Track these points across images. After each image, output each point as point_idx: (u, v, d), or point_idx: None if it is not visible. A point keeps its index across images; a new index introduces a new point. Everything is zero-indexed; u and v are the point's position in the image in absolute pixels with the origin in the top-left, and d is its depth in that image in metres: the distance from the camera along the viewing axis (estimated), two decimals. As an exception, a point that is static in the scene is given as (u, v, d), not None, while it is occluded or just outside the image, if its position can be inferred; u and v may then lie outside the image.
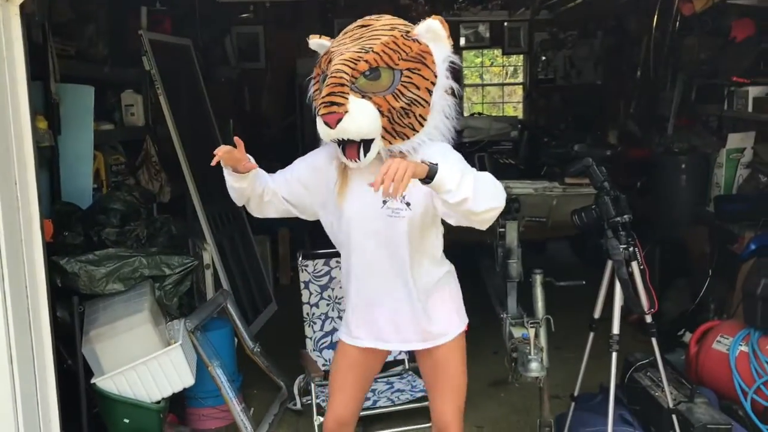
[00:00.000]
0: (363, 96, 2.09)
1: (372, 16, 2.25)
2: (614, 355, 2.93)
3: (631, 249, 2.88)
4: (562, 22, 8.21)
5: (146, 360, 3.12)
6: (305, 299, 3.82)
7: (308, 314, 3.83)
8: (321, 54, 2.28)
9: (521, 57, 9.10)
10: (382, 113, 2.11)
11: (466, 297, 2.54)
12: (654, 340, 3.03)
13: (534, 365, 3.04)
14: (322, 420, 2.65)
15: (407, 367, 3.89)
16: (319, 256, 3.82)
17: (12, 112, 2.51)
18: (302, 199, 2.40)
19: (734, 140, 4.69)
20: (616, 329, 2.93)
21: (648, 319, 2.99)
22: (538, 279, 3.37)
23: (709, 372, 3.65)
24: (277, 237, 6.18)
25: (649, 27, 6.14)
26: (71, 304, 3.24)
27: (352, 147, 2.14)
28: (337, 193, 2.31)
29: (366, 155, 2.14)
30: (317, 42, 2.32)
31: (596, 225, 2.95)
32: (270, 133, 7.96)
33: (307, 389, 3.75)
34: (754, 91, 4.51)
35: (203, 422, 3.71)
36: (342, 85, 2.06)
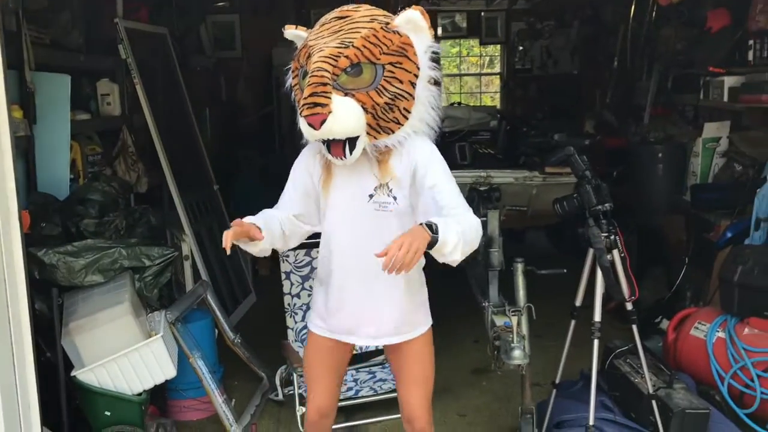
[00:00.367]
0: (346, 93, 2.06)
1: (350, 6, 2.19)
2: (596, 343, 2.95)
3: (613, 237, 2.90)
4: (539, 12, 8.25)
5: (127, 352, 3.09)
6: (286, 290, 3.81)
7: (289, 305, 3.81)
8: (298, 46, 2.24)
9: (498, 47, 9.13)
10: (366, 110, 2.08)
11: (447, 287, 2.55)
12: (635, 327, 3.06)
13: (517, 353, 3.06)
14: (305, 410, 2.65)
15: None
16: (301, 247, 3.78)
17: (-12, 101, 2.46)
18: (310, 208, 2.37)
19: (710, 129, 4.74)
20: (598, 317, 2.96)
21: (629, 307, 3.02)
22: (520, 268, 3.38)
23: (687, 358, 3.71)
24: (256, 227, 6.13)
25: (626, 17, 6.19)
26: (49, 296, 3.19)
27: (338, 145, 2.12)
28: (322, 187, 2.30)
29: (352, 153, 2.12)
30: (293, 33, 2.28)
31: (578, 213, 2.97)
32: (247, 123, 7.91)
33: (289, 380, 3.74)
34: (730, 81, 4.55)
35: (184, 414, 3.69)
36: (324, 84, 2.02)
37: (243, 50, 8.05)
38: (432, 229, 1.97)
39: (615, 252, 2.91)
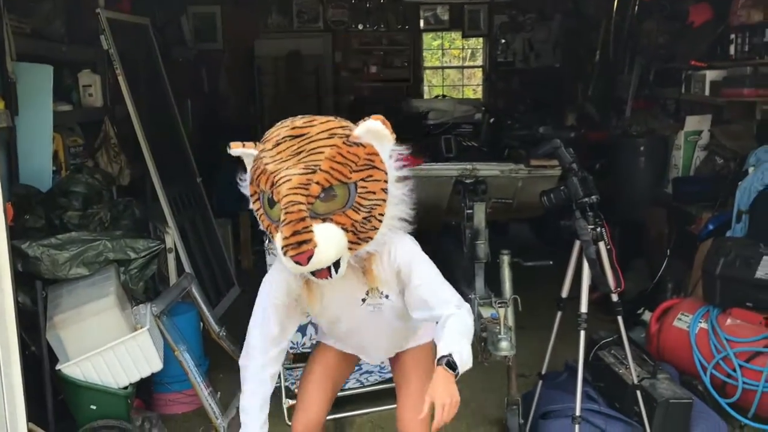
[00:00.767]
0: (323, 219, 1.96)
1: (300, 120, 2.04)
2: (582, 334, 2.98)
3: (599, 229, 2.92)
4: (521, 5, 8.27)
5: (113, 345, 3.07)
6: (272, 282, 3.78)
7: (275, 297, 3.79)
8: (247, 163, 2.13)
9: (481, 40, 9.14)
10: (346, 230, 2.00)
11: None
12: (620, 319, 3.09)
13: (504, 344, 3.08)
14: (292, 402, 2.64)
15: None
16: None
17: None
18: (290, 327, 2.37)
19: (692, 123, 4.79)
20: (584, 308, 2.98)
21: (614, 298, 3.04)
22: (506, 260, 3.40)
23: (670, 348, 3.75)
24: (239, 220, 6.11)
25: (608, 11, 6.22)
26: (33, 290, 3.16)
27: (322, 270, 2.05)
28: (308, 305, 2.27)
29: (338, 271, 2.06)
30: (241, 151, 2.14)
31: (565, 205, 2.98)
32: (228, 115, 7.87)
33: (275, 372, 3.72)
34: (711, 75, 4.61)
35: (170, 407, 3.68)
36: (302, 220, 1.91)
37: (225, 42, 8.00)
38: (451, 365, 2.02)
39: (601, 244, 2.93)
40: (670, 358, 3.70)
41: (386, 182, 2.06)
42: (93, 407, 3.09)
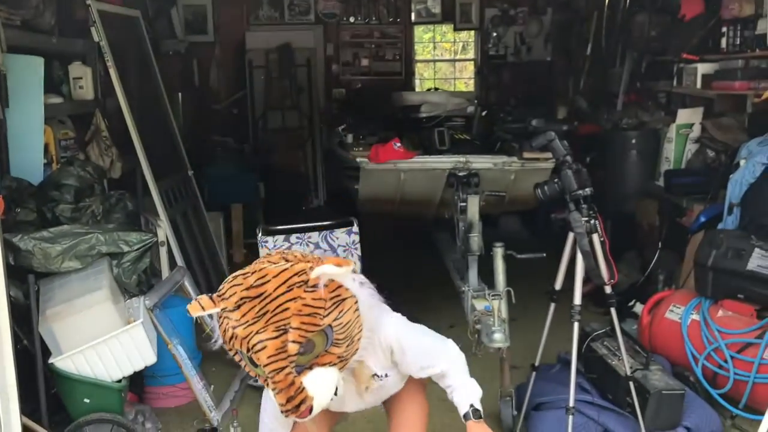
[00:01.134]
0: (310, 367, 1.96)
1: (252, 278, 1.94)
2: (576, 325, 2.99)
3: (593, 222, 2.93)
4: (513, -1, 8.27)
5: (107, 338, 3.06)
6: (264, 275, 3.78)
7: (267, 290, 3.79)
8: (216, 326, 2.03)
9: (472, 33, 9.13)
10: (334, 364, 2.01)
11: (419, 275, 2.58)
12: (613, 310, 3.10)
13: (498, 336, 3.09)
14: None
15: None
16: (279, 232, 3.78)
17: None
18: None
19: (683, 116, 4.81)
20: (578, 300, 2.99)
21: (608, 290, 3.05)
22: (499, 252, 3.40)
23: (662, 340, 3.77)
24: (230, 213, 6.10)
25: (600, 4, 6.23)
26: (25, 283, 3.14)
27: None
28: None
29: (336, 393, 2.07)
30: (201, 314, 2.01)
31: (559, 198, 2.99)
32: (219, 108, 7.84)
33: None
34: (703, 68, 4.62)
35: (163, 401, 3.67)
36: (292, 384, 1.92)
37: (215, 34, 7.96)
38: (476, 413, 2.19)
39: (595, 236, 2.94)
40: (662, 350, 3.72)
41: (356, 302, 2.05)
42: (86, 401, 3.08)
